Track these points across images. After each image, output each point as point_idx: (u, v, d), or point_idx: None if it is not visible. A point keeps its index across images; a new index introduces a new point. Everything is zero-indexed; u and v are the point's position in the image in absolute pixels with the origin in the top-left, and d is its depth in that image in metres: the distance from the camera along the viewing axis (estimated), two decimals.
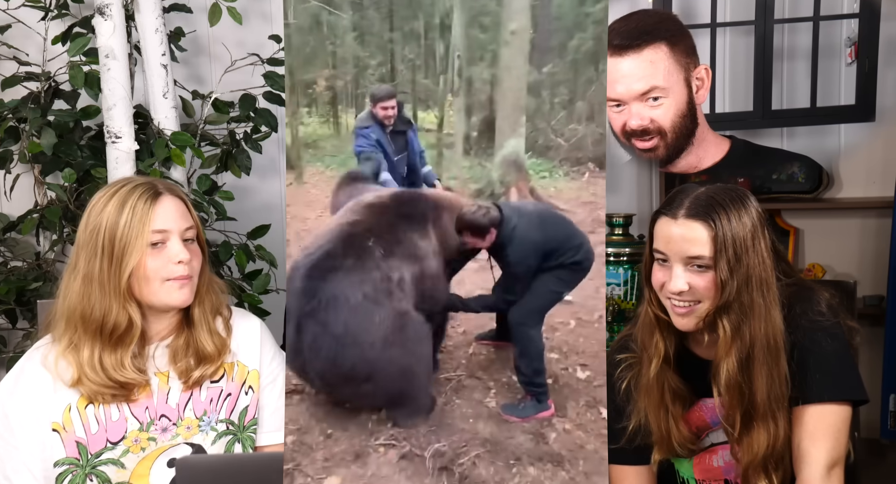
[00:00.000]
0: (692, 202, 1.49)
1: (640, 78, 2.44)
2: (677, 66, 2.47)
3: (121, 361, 1.53)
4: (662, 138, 2.51)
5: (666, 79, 2.45)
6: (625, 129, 2.52)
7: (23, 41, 2.58)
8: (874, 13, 2.68)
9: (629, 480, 1.64)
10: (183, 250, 1.54)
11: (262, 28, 2.81)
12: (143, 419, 1.57)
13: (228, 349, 1.65)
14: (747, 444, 1.50)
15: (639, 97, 2.46)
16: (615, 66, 2.46)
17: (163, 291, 1.55)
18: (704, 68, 2.52)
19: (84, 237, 1.54)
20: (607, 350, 1.58)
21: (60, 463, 1.53)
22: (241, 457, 1.56)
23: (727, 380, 1.49)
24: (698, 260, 1.48)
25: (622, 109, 2.49)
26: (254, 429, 1.66)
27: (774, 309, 1.49)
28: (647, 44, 2.44)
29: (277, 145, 2.84)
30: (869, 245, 2.95)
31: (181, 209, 1.58)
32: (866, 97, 2.73)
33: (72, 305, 1.54)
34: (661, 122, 2.49)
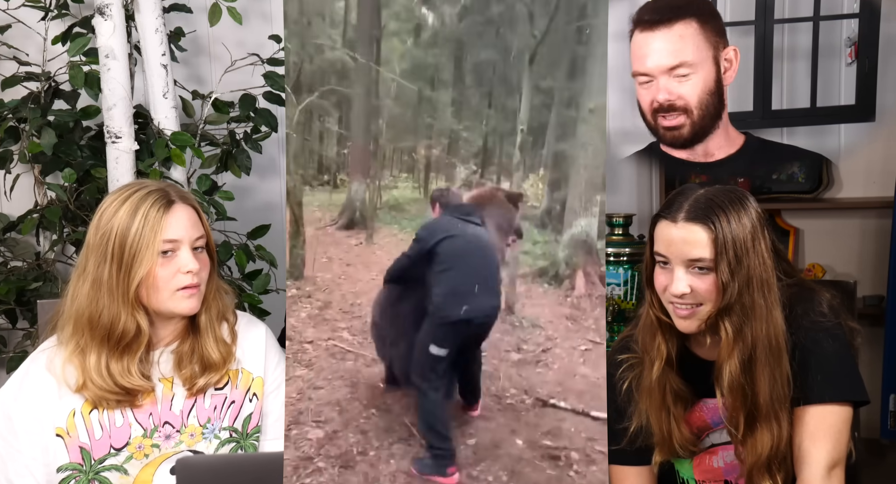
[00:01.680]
0: (691, 205, 1.49)
1: (669, 53, 2.46)
2: (706, 44, 2.48)
3: (127, 368, 1.53)
4: (689, 117, 2.52)
5: (695, 54, 2.47)
6: (652, 106, 2.53)
7: (23, 41, 2.58)
8: (874, 13, 2.68)
9: (630, 480, 1.64)
10: (192, 260, 1.53)
11: (262, 28, 2.81)
12: (146, 426, 1.57)
13: (234, 358, 1.64)
14: (751, 445, 1.50)
15: (667, 71, 2.48)
16: (645, 41, 2.49)
17: (172, 300, 1.54)
18: (733, 49, 2.53)
19: (94, 240, 1.53)
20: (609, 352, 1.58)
21: (64, 468, 1.53)
22: (241, 457, 1.56)
23: (730, 382, 1.49)
24: (699, 262, 1.48)
25: (650, 84, 2.51)
26: (257, 436, 1.65)
27: (776, 310, 1.49)
28: (677, 19, 2.46)
29: (277, 145, 2.84)
30: (869, 245, 2.96)
31: (193, 218, 1.57)
32: (866, 97, 2.73)
33: (80, 308, 1.53)
34: (689, 99, 2.50)
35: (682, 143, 2.63)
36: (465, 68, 1.36)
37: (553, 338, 1.56)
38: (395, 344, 1.39)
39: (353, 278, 1.44)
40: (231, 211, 2.52)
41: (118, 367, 1.52)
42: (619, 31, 2.92)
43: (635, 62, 2.58)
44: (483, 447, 1.35)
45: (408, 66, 1.36)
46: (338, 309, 1.39)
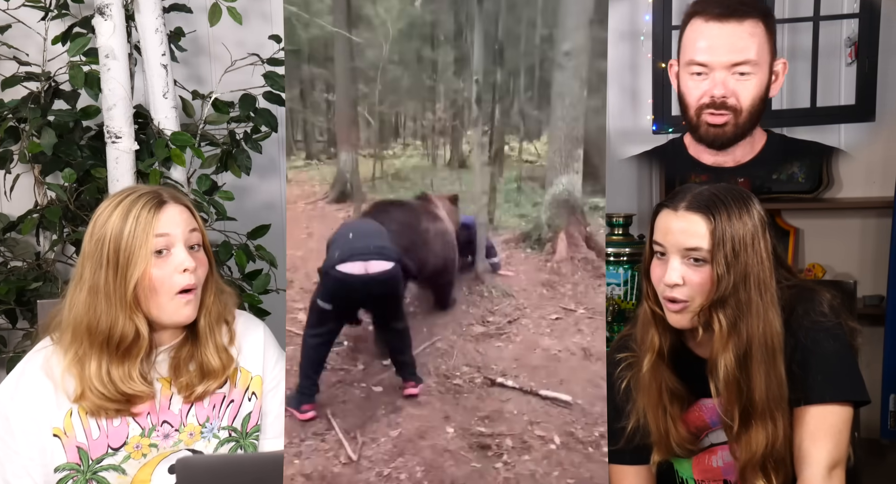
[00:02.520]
0: (694, 196, 1.50)
1: (737, 48, 2.41)
2: (768, 48, 2.44)
3: (129, 374, 1.52)
4: (736, 116, 2.47)
5: (758, 55, 2.42)
6: (700, 100, 2.47)
7: (23, 41, 2.58)
8: (874, 13, 2.69)
9: (628, 480, 1.64)
10: (188, 258, 1.53)
11: (262, 28, 2.81)
12: (144, 425, 1.56)
13: (234, 364, 1.63)
14: (745, 442, 1.50)
15: (728, 67, 2.42)
16: (711, 32, 2.42)
17: (170, 306, 1.53)
18: (783, 62, 2.49)
19: (89, 248, 1.53)
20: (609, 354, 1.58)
21: (61, 468, 1.53)
22: (241, 457, 1.56)
23: (725, 376, 1.48)
24: (695, 252, 1.48)
25: (706, 78, 2.45)
26: (256, 435, 1.65)
27: (772, 310, 1.49)
28: (747, 16, 2.41)
29: (277, 145, 2.84)
30: (869, 245, 2.96)
31: (185, 216, 1.56)
32: (866, 97, 2.74)
33: (78, 316, 1.52)
34: (742, 99, 2.45)
35: (723, 142, 2.56)
36: (462, 23, 1.28)
37: (523, 307, 1.55)
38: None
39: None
40: (231, 211, 2.52)
41: (119, 372, 1.51)
42: (619, 31, 2.93)
43: (692, 51, 2.49)
44: (405, 439, 1.33)
45: (404, 26, 1.29)
46: (298, 288, 1.40)
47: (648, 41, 2.84)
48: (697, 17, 2.49)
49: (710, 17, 2.42)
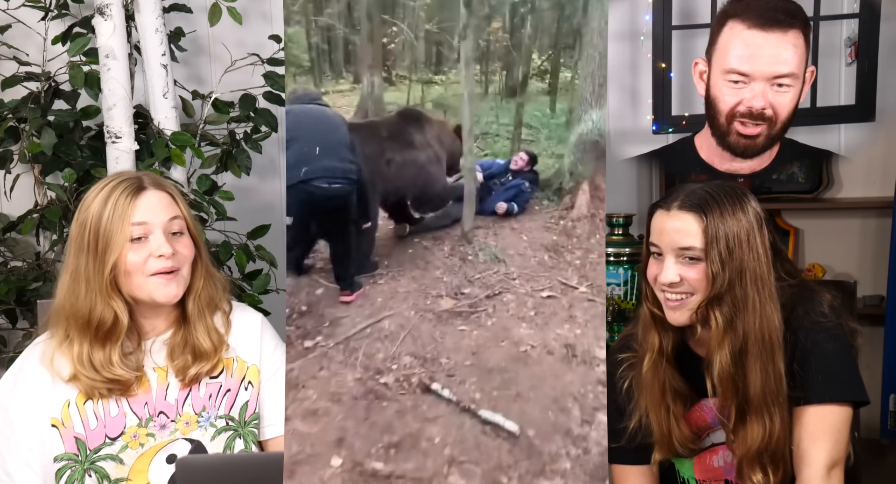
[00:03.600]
0: (687, 195, 1.51)
1: (781, 60, 2.32)
2: (805, 58, 2.35)
3: (108, 358, 1.53)
4: (770, 127, 2.39)
5: (798, 67, 2.33)
6: (735, 109, 2.39)
7: (23, 41, 2.58)
8: (874, 13, 2.69)
9: (630, 479, 1.64)
10: (165, 244, 1.53)
11: (262, 28, 2.81)
12: (141, 415, 1.57)
13: (226, 345, 1.64)
14: (742, 437, 1.50)
15: (769, 78, 2.33)
16: (755, 40, 2.31)
17: (148, 284, 1.54)
18: (811, 70, 2.42)
19: (74, 233, 1.55)
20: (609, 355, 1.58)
21: (60, 458, 1.54)
22: (241, 457, 1.56)
23: (720, 372, 1.49)
24: (689, 251, 1.48)
25: (744, 86, 2.36)
26: (255, 424, 1.66)
27: (770, 305, 1.49)
28: (791, 26, 2.31)
29: (277, 145, 2.84)
30: (869, 245, 2.96)
31: (165, 202, 1.56)
32: (866, 97, 2.74)
33: (61, 300, 1.55)
34: (780, 112, 2.36)
35: (753, 152, 2.50)
36: None
37: (511, 278, 1.28)
38: None
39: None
40: (231, 211, 2.52)
41: (99, 357, 1.53)
42: (619, 31, 2.93)
43: (731, 59, 2.39)
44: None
45: None
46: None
47: (648, 41, 2.84)
48: (736, 21, 2.38)
49: (753, 24, 2.31)
